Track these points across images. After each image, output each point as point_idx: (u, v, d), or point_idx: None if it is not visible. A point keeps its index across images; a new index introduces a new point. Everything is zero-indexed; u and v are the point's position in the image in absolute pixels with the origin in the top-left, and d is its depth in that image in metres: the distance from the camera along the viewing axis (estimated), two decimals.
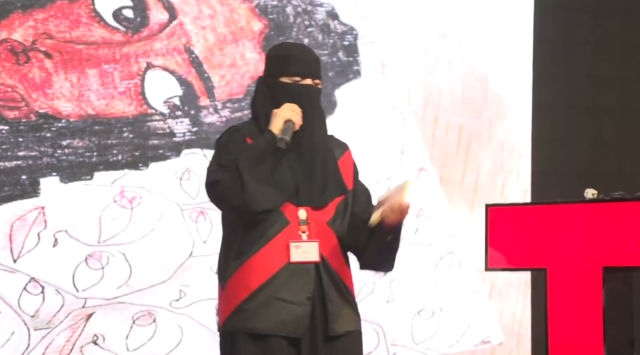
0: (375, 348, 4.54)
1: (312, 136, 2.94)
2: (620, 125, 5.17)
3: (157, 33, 4.32)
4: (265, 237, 2.87)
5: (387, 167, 4.66)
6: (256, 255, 2.87)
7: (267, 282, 2.85)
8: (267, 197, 2.85)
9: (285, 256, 2.86)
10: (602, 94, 5.17)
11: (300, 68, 2.97)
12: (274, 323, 2.84)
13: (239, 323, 2.87)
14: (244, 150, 2.87)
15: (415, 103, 4.76)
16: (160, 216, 4.25)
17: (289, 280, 2.86)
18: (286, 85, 2.95)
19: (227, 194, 2.84)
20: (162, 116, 4.30)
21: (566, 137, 5.12)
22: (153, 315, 4.21)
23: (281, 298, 2.85)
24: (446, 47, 4.81)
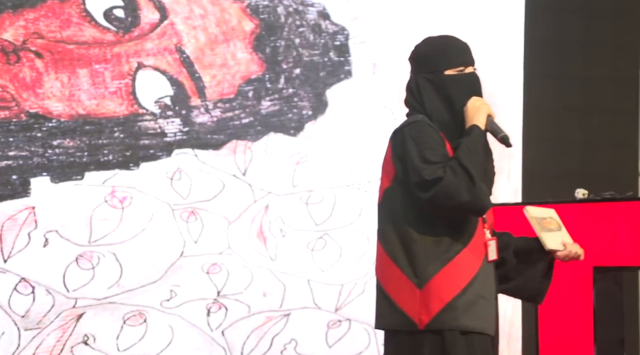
0: (366, 348, 4.55)
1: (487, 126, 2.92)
2: (611, 125, 5.17)
3: (148, 33, 4.31)
4: (468, 235, 2.84)
5: (378, 168, 4.66)
6: (463, 251, 2.83)
7: (473, 279, 2.82)
8: (487, 195, 2.83)
9: (482, 254, 2.85)
10: (592, 94, 5.18)
11: (463, 58, 2.94)
12: (483, 321, 2.83)
13: (450, 321, 2.81)
14: (464, 146, 2.82)
15: None
16: (151, 216, 4.24)
17: (486, 278, 2.85)
18: (454, 77, 2.91)
19: (455, 190, 2.76)
20: (153, 116, 4.29)
21: (557, 137, 5.13)
22: (144, 315, 4.20)
23: (483, 296, 2.83)
24: None
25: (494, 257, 2.86)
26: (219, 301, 4.32)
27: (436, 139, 2.84)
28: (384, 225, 2.90)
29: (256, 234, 4.41)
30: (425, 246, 2.84)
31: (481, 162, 2.81)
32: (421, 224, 2.84)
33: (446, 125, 2.89)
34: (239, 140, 4.41)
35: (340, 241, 4.54)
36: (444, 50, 2.94)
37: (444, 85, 2.90)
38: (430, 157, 2.80)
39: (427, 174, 2.78)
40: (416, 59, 2.98)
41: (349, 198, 4.57)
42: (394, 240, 2.86)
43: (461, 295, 2.81)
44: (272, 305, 4.40)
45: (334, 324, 4.49)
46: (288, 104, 4.51)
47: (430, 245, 2.84)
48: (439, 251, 2.83)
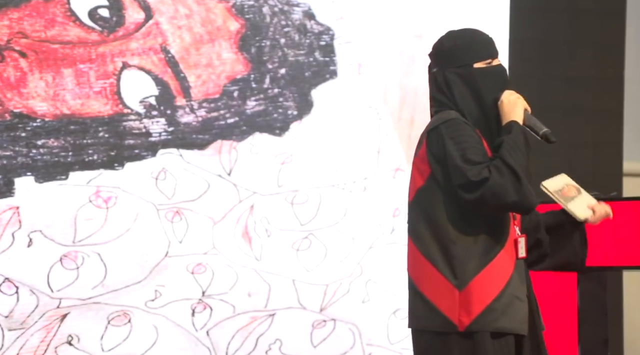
0: (350, 348, 4.55)
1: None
2: (595, 125, 5.19)
3: (133, 32, 4.30)
4: (505, 234, 2.82)
5: (364, 167, 4.67)
6: (501, 252, 2.81)
7: (509, 280, 2.81)
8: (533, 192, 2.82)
9: (514, 253, 2.83)
10: (577, 94, 5.19)
11: (489, 50, 2.92)
12: (518, 322, 2.82)
13: (490, 323, 2.79)
14: (507, 144, 2.79)
15: (391, 103, 4.77)
16: (135, 216, 4.24)
17: (518, 278, 2.84)
18: (484, 70, 2.88)
19: (502, 190, 2.74)
20: (138, 116, 4.29)
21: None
22: (128, 315, 4.20)
23: (517, 296, 2.82)
24: (422, 48, 4.82)
25: (524, 255, 2.85)
26: (203, 301, 4.31)
27: (474, 137, 2.81)
28: (416, 224, 2.88)
29: (241, 234, 4.41)
30: (465, 247, 2.81)
31: (524, 159, 2.79)
32: (460, 224, 2.82)
33: (479, 121, 2.86)
34: (224, 140, 4.41)
35: (326, 241, 4.54)
36: (472, 43, 2.91)
37: (474, 78, 2.87)
38: (472, 157, 2.77)
39: (473, 175, 2.75)
40: (443, 53, 2.94)
41: (334, 198, 4.57)
42: (429, 239, 2.84)
43: (499, 297, 2.80)
44: (257, 305, 4.40)
45: (319, 324, 4.49)
46: (273, 104, 4.51)
47: (470, 246, 2.81)
48: (478, 252, 2.82)
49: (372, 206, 4.62)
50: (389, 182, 4.67)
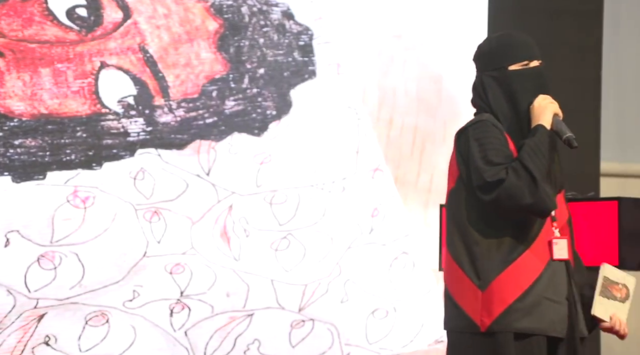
0: (329, 348, 4.55)
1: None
2: (572, 126, 5.19)
3: (111, 32, 4.29)
4: (532, 235, 2.80)
5: (342, 168, 4.67)
6: (525, 253, 2.79)
7: (536, 281, 2.79)
8: (553, 196, 2.80)
9: (547, 255, 2.81)
10: (554, 94, 5.20)
11: (526, 51, 2.89)
12: (546, 323, 2.79)
13: (512, 323, 2.78)
14: (528, 147, 2.78)
15: (370, 103, 4.77)
16: (114, 216, 4.22)
17: (552, 279, 2.80)
18: (518, 72, 2.86)
19: (517, 192, 2.73)
20: (116, 116, 4.28)
21: None
22: (106, 315, 4.18)
23: (548, 297, 2.79)
24: (401, 48, 4.83)
25: (562, 256, 2.81)
26: (182, 301, 4.31)
27: (500, 139, 2.81)
28: (448, 226, 2.89)
29: (220, 234, 4.41)
30: (488, 248, 2.82)
31: (545, 163, 2.78)
32: (484, 226, 2.82)
33: (512, 124, 2.86)
34: (203, 140, 4.41)
35: (304, 241, 4.54)
36: (507, 46, 2.91)
37: (508, 80, 2.87)
38: (493, 158, 2.77)
39: (489, 175, 2.76)
40: (480, 57, 2.96)
41: (313, 198, 4.57)
42: (457, 241, 2.84)
43: (523, 298, 2.79)
44: (235, 305, 4.39)
45: (298, 324, 4.49)
46: (252, 103, 4.51)
47: (493, 247, 2.82)
48: (502, 253, 2.81)
49: (350, 206, 4.63)
50: (367, 182, 4.68)
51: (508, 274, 2.81)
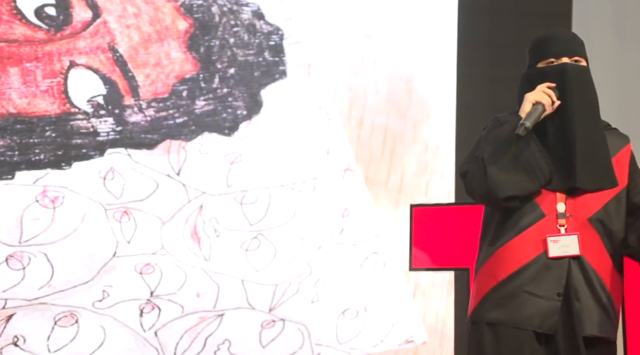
0: (299, 348, 4.55)
1: (571, 116, 2.79)
2: None
3: (81, 31, 4.28)
4: (517, 228, 2.77)
5: (313, 167, 4.67)
6: (506, 245, 2.77)
7: (515, 274, 2.76)
8: (513, 184, 2.74)
9: (538, 249, 2.76)
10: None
11: (553, 48, 2.85)
12: (521, 316, 2.75)
13: (484, 313, 2.79)
14: (489, 138, 2.78)
15: (340, 103, 4.78)
16: (83, 216, 4.21)
17: (539, 274, 2.75)
18: (541, 70, 2.84)
19: (473, 183, 2.77)
20: (86, 115, 4.26)
21: None
22: (75, 316, 4.17)
23: (529, 291, 2.75)
24: (371, 48, 4.84)
25: (560, 254, 2.77)
26: (152, 302, 4.29)
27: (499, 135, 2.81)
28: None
29: (190, 234, 4.40)
30: (483, 238, 2.87)
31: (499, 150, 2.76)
32: (485, 216, 2.88)
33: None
34: (173, 139, 4.39)
35: (275, 241, 4.54)
36: (536, 43, 2.90)
37: (533, 79, 2.86)
38: (475, 152, 2.81)
39: (460, 168, 2.82)
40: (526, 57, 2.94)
41: (284, 198, 4.57)
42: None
43: (497, 288, 2.78)
44: (205, 305, 4.39)
45: (268, 324, 4.49)
46: (222, 103, 4.50)
47: (486, 237, 2.86)
48: (489, 243, 2.84)
49: (321, 206, 4.63)
50: (338, 182, 4.68)
51: (489, 265, 2.82)
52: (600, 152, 2.82)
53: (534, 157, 2.77)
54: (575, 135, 2.79)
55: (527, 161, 2.76)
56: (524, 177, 2.76)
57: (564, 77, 2.84)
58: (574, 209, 2.80)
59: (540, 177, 2.77)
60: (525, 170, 2.76)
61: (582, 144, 2.79)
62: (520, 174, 2.76)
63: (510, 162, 2.76)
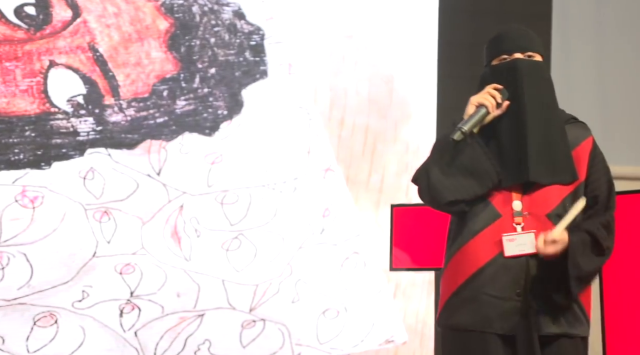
0: (280, 348, 4.55)
1: (524, 111, 2.74)
2: None
3: (61, 31, 4.26)
4: (473, 231, 2.74)
5: (294, 168, 4.67)
6: (463, 249, 2.75)
7: (473, 276, 2.73)
8: (456, 188, 2.72)
9: (494, 250, 2.72)
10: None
11: (505, 45, 2.81)
12: (480, 318, 2.72)
13: (446, 318, 2.77)
14: (435, 143, 2.77)
15: (321, 103, 4.78)
16: (63, 216, 4.19)
17: (496, 275, 2.71)
18: (493, 68, 2.81)
19: (420, 189, 2.76)
20: (66, 115, 4.24)
21: None
22: (55, 316, 4.15)
23: (488, 293, 2.72)
24: (352, 48, 4.85)
25: (516, 253, 2.73)
26: (132, 302, 4.29)
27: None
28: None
29: (170, 234, 4.39)
30: (447, 244, 2.86)
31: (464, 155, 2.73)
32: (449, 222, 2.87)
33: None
34: (154, 139, 4.39)
35: (255, 241, 4.54)
36: (491, 41, 2.88)
37: (487, 77, 2.84)
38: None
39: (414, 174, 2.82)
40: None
41: (264, 198, 4.57)
42: None
43: (458, 292, 2.76)
44: (186, 305, 4.38)
45: (248, 324, 4.49)
46: (203, 103, 4.50)
47: (447, 243, 2.86)
48: (448, 248, 2.83)
49: (302, 206, 4.63)
50: (319, 182, 4.69)
51: (449, 270, 2.82)
52: (555, 145, 2.77)
53: (478, 159, 2.74)
54: (527, 130, 2.75)
55: (472, 164, 2.74)
56: (469, 181, 2.73)
57: (516, 72, 2.80)
58: (531, 206, 2.75)
59: (486, 179, 2.74)
60: (470, 174, 2.73)
61: (535, 138, 2.75)
62: (464, 177, 2.73)
63: (454, 167, 2.74)
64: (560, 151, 2.76)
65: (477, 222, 2.76)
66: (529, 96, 2.78)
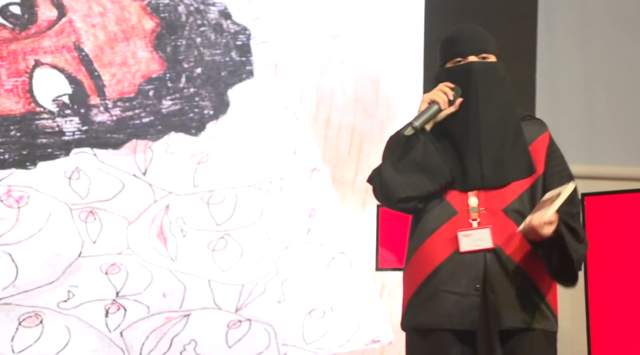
0: (266, 348, 4.55)
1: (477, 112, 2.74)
2: None
3: (46, 30, 4.25)
4: (430, 229, 2.72)
5: (280, 168, 4.67)
6: (420, 248, 2.74)
7: (430, 275, 2.71)
8: (408, 185, 2.71)
9: (451, 247, 2.70)
10: None
11: (459, 48, 2.81)
12: (440, 316, 2.70)
13: (409, 320, 2.75)
14: (387, 141, 2.78)
15: (307, 103, 4.78)
16: (48, 216, 4.19)
17: (454, 271, 2.69)
18: (448, 70, 2.81)
19: (374, 189, 2.76)
20: (51, 114, 4.24)
21: None
22: (40, 316, 4.14)
23: (446, 290, 2.69)
24: (338, 48, 4.85)
25: (471, 248, 2.71)
26: (117, 302, 4.28)
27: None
28: None
29: (156, 234, 4.39)
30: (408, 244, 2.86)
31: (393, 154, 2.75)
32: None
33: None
34: (139, 139, 4.38)
35: (242, 241, 4.54)
36: (446, 42, 2.87)
37: (440, 78, 2.83)
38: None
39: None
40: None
41: (251, 198, 4.57)
42: None
43: (418, 292, 2.75)
44: (171, 305, 4.37)
45: (234, 324, 4.48)
46: (189, 103, 4.49)
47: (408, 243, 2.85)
48: (407, 249, 2.83)
49: (288, 206, 4.63)
50: (305, 182, 4.69)
51: (408, 270, 2.82)
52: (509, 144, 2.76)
53: (430, 156, 2.74)
54: (482, 136, 2.75)
55: (424, 161, 2.73)
56: (421, 177, 2.72)
57: (470, 75, 2.80)
58: (488, 201, 2.73)
59: (438, 176, 2.73)
60: (422, 171, 2.73)
61: (489, 142, 2.74)
62: (416, 174, 2.72)
63: (407, 163, 2.74)
64: (516, 149, 2.76)
65: (433, 221, 2.75)
66: (483, 98, 2.78)
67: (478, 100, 2.77)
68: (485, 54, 2.85)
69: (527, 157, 2.76)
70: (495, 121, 2.77)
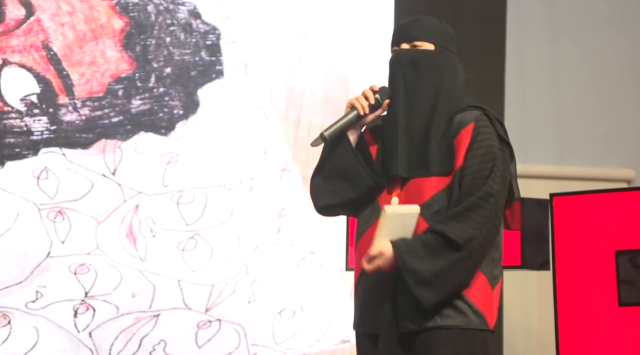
0: (235, 348, 4.55)
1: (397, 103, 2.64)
2: None
3: (14, 29, 4.23)
4: (360, 232, 2.68)
5: (250, 168, 4.67)
6: (355, 250, 2.71)
7: (359, 278, 2.68)
8: (329, 192, 2.65)
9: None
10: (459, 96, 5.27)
11: (394, 37, 2.73)
12: (359, 320, 2.69)
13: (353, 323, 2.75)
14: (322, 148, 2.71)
15: (277, 103, 4.78)
16: (16, 216, 4.16)
17: (372, 274, 2.62)
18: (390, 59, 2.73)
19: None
20: (19, 114, 4.21)
21: None
22: (8, 316, 4.12)
23: (365, 293, 2.68)
24: (308, 48, 4.85)
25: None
26: (86, 302, 4.26)
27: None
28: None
29: (126, 234, 4.37)
30: None
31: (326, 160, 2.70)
32: None
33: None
34: (109, 139, 4.37)
35: (211, 241, 4.53)
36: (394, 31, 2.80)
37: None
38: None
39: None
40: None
41: (220, 198, 4.56)
42: None
43: (355, 295, 2.76)
44: (141, 305, 4.36)
45: (204, 324, 4.48)
46: (159, 103, 4.48)
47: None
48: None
49: (258, 206, 4.63)
50: (275, 182, 4.68)
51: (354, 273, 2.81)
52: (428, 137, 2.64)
53: (349, 163, 2.66)
54: (398, 124, 2.65)
55: (345, 168, 2.66)
56: (344, 185, 2.66)
57: (395, 64, 2.71)
58: (406, 200, 2.63)
59: (359, 183, 2.66)
60: (345, 178, 2.66)
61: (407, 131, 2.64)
62: (341, 181, 2.66)
63: (333, 171, 2.68)
64: (443, 143, 2.64)
65: (363, 223, 2.70)
66: (408, 88, 2.67)
67: (402, 89, 2.67)
68: (419, 42, 2.73)
69: (448, 152, 2.63)
70: (418, 112, 2.66)
